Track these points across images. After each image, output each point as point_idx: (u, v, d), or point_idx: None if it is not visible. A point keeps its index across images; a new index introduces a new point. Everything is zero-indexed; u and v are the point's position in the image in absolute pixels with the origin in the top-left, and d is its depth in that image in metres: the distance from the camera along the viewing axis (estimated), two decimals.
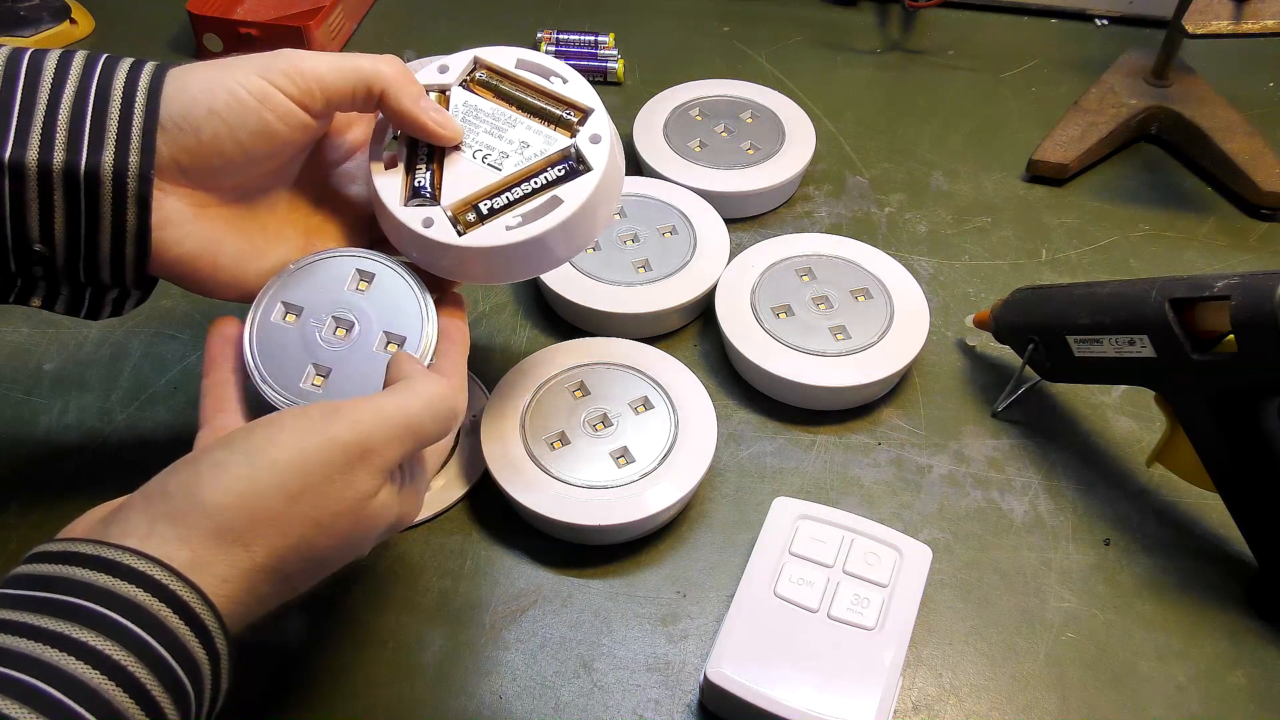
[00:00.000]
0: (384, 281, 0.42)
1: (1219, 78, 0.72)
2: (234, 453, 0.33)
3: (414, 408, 0.35)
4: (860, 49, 0.82)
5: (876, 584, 0.44)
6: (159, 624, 0.29)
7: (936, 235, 0.66)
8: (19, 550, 0.48)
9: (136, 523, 0.32)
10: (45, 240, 0.37)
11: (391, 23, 0.83)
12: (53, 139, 0.36)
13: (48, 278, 0.39)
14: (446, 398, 0.36)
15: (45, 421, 0.54)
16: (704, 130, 0.68)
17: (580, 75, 0.44)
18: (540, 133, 0.43)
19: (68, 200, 0.37)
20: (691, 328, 0.60)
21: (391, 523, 0.37)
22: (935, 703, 0.44)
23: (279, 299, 0.41)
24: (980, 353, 0.59)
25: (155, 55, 0.78)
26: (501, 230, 0.41)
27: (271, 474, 0.32)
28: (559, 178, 0.42)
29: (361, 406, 0.34)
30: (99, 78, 0.37)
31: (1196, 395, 0.45)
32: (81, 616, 0.28)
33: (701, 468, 0.49)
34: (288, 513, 0.33)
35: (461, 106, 0.43)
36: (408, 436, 0.35)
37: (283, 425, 0.34)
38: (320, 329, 0.41)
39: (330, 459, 0.33)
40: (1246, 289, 0.41)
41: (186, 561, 0.31)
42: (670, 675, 0.45)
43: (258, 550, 0.32)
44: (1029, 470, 0.53)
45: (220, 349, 0.41)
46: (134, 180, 0.37)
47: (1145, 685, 0.45)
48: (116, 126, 0.37)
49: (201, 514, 0.32)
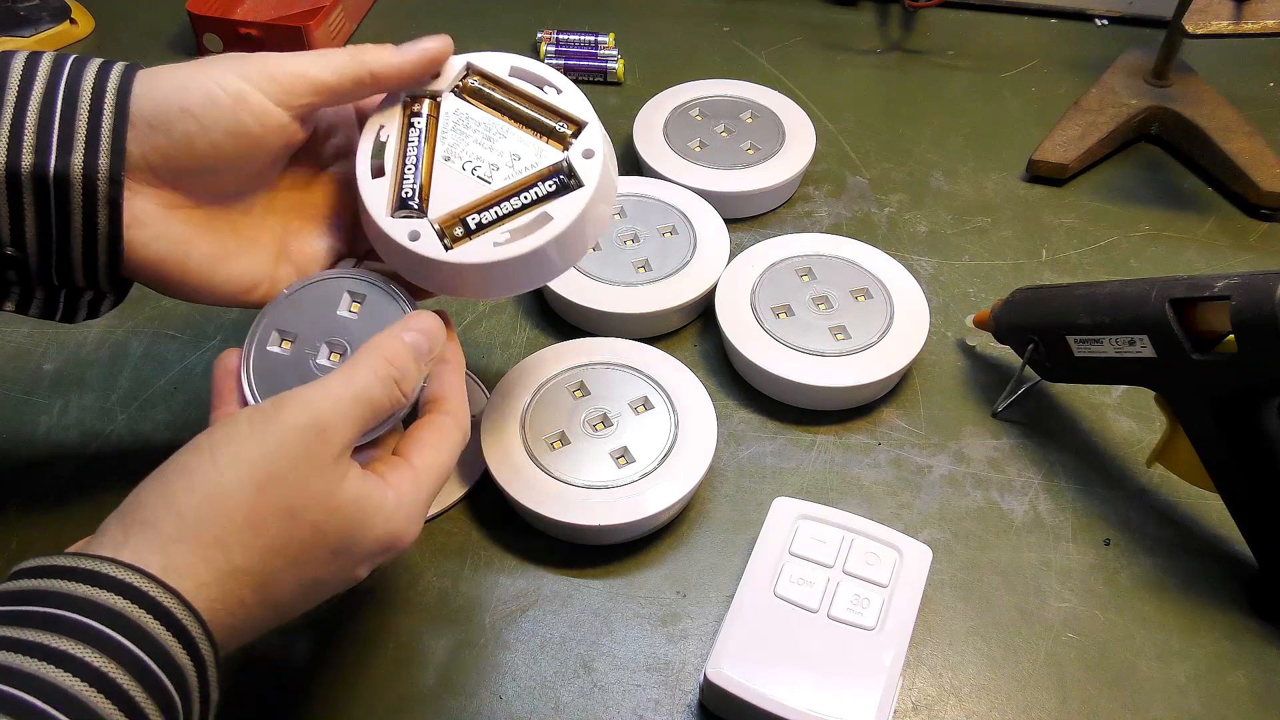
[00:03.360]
0: (374, 302, 0.41)
1: (1219, 78, 0.72)
2: (199, 456, 0.33)
3: (359, 379, 0.35)
4: (860, 49, 0.82)
5: (876, 584, 0.44)
6: (140, 630, 0.29)
7: (936, 235, 0.66)
8: (19, 550, 0.48)
9: (112, 535, 0.32)
10: (17, 244, 0.37)
11: (391, 23, 0.83)
12: (20, 141, 0.35)
13: (21, 281, 0.39)
14: (389, 363, 0.36)
15: (45, 421, 0.54)
16: (704, 130, 0.68)
17: (575, 86, 0.43)
18: (532, 145, 0.42)
19: (38, 203, 0.36)
20: (691, 328, 0.60)
21: (382, 540, 0.36)
22: (935, 703, 0.44)
23: (274, 327, 0.41)
24: (980, 353, 0.59)
25: (155, 55, 0.78)
26: (489, 247, 0.40)
27: (236, 469, 0.32)
28: (549, 193, 0.41)
29: (309, 389, 0.35)
30: (66, 79, 0.36)
31: (1196, 395, 0.45)
32: (60, 626, 0.28)
33: (701, 468, 0.49)
34: (258, 506, 0.32)
35: (453, 115, 0.43)
36: (358, 407, 0.35)
37: (239, 421, 0.34)
38: (315, 355, 0.40)
39: (288, 443, 0.33)
40: (1246, 289, 0.41)
41: (161, 567, 0.30)
42: (670, 675, 0.45)
43: (235, 551, 0.32)
44: (1029, 470, 0.53)
45: (224, 383, 0.40)
46: (104, 183, 0.36)
47: (1145, 685, 0.45)
48: (85, 128, 0.36)
49: (173, 518, 0.31)
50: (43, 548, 0.48)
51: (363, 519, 0.35)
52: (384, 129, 0.42)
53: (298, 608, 0.35)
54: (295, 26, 0.74)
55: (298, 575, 0.34)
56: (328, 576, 0.35)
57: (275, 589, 0.33)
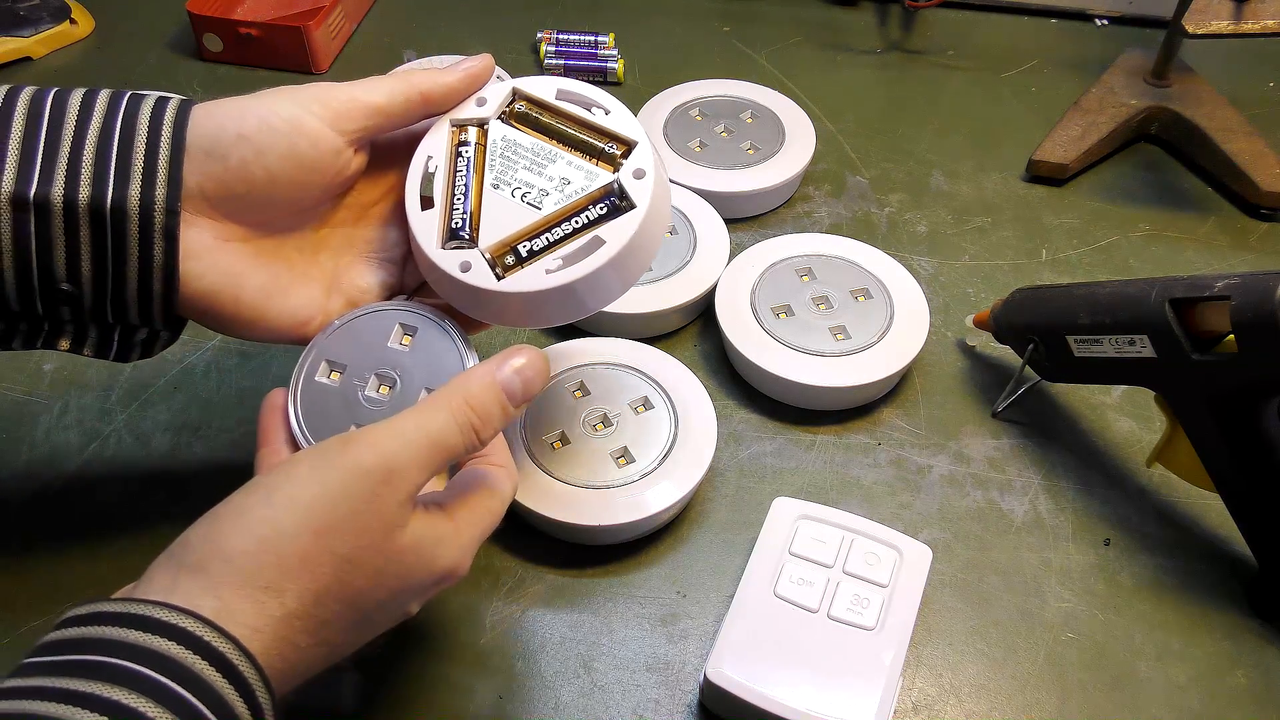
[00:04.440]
0: (426, 336, 0.40)
1: (1219, 78, 0.72)
2: (253, 496, 0.32)
3: (434, 423, 0.34)
4: (860, 49, 0.82)
5: (876, 584, 0.44)
6: (194, 677, 0.28)
7: (936, 235, 0.66)
8: (19, 550, 0.48)
9: (160, 579, 0.31)
10: (72, 279, 0.36)
11: (391, 23, 0.83)
12: (78, 174, 0.35)
13: (75, 319, 0.38)
14: (470, 407, 0.34)
15: (45, 421, 0.54)
16: (704, 130, 0.68)
17: (623, 105, 0.42)
18: (581, 168, 0.41)
19: (94, 236, 0.36)
20: (691, 328, 0.60)
21: (438, 573, 0.34)
22: (935, 703, 0.44)
23: (324, 357, 0.40)
24: (980, 353, 0.59)
25: (155, 55, 0.78)
26: (541, 274, 0.39)
27: (292, 512, 0.31)
28: (601, 216, 0.40)
29: (378, 429, 0.33)
30: (124, 112, 0.36)
31: (1196, 395, 0.45)
32: (112, 675, 0.27)
33: (701, 468, 0.49)
34: (315, 551, 0.31)
35: (500, 142, 0.42)
36: (430, 452, 0.33)
37: (299, 462, 0.33)
38: (364, 387, 0.39)
39: (351, 487, 0.32)
40: (1246, 289, 0.41)
41: (214, 611, 0.29)
42: (670, 675, 0.45)
43: (289, 596, 0.31)
44: (1029, 470, 0.53)
45: (270, 419, 0.39)
46: (160, 214, 0.36)
47: (1145, 685, 0.45)
48: (143, 159, 0.36)
49: (225, 562, 0.30)
50: (43, 547, 0.48)
51: (421, 560, 0.34)
52: (431, 159, 0.42)
53: (351, 646, 0.34)
54: (295, 26, 0.74)
55: (353, 617, 0.33)
56: (383, 616, 0.34)
57: (329, 631, 0.32)
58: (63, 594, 0.46)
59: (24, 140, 0.35)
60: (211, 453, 0.53)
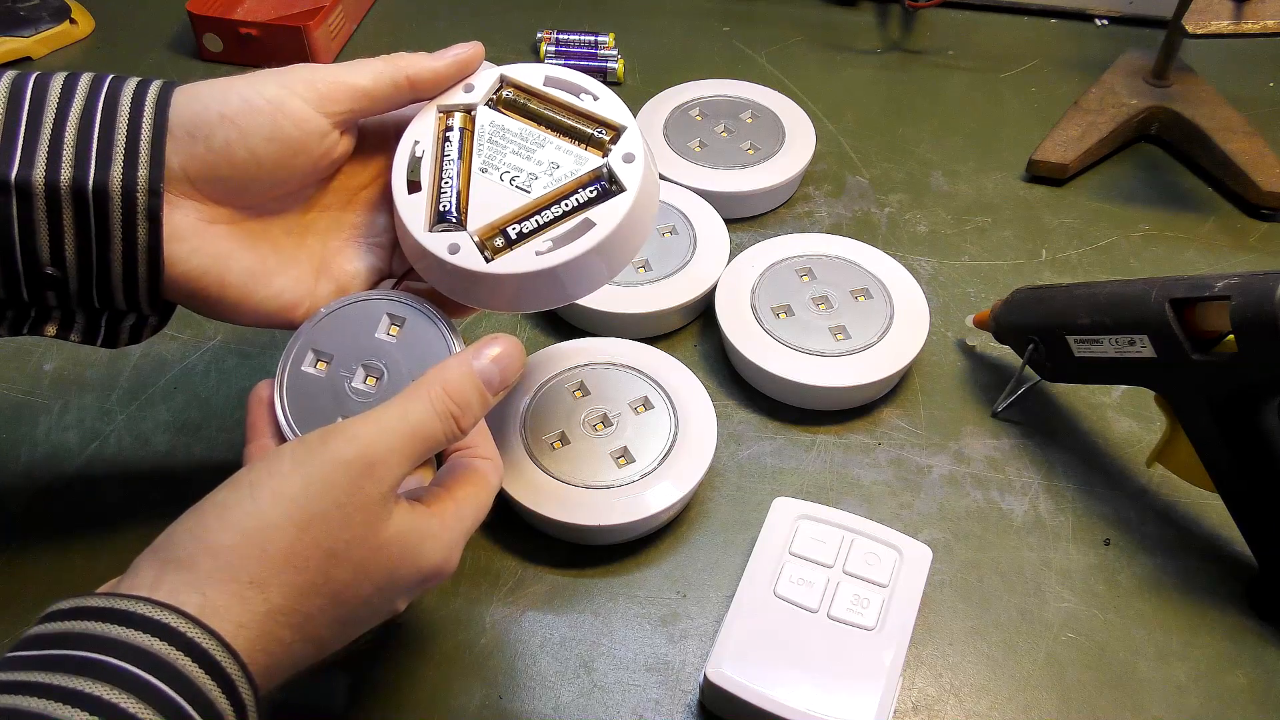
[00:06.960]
0: (414, 326, 0.40)
1: (1219, 78, 0.72)
2: (237, 491, 0.32)
3: (413, 413, 0.34)
4: (860, 49, 0.82)
5: (876, 584, 0.44)
6: (176, 673, 0.28)
7: (936, 235, 0.66)
8: (19, 550, 0.48)
9: (144, 574, 0.31)
10: (56, 262, 0.36)
11: (391, 23, 0.83)
12: (60, 156, 0.35)
13: (61, 304, 0.38)
14: (449, 396, 0.35)
15: (45, 421, 0.54)
16: (704, 130, 0.68)
17: (612, 91, 0.42)
18: (570, 152, 0.41)
19: (77, 219, 0.36)
20: (691, 328, 0.60)
21: (425, 570, 0.34)
22: (935, 703, 0.44)
23: (310, 346, 0.40)
24: (980, 353, 0.59)
25: (155, 55, 0.78)
26: (531, 256, 0.39)
27: (276, 506, 0.31)
28: (591, 199, 0.40)
29: (359, 421, 0.33)
30: (106, 94, 0.36)
31: (1196, 395, 0.45)
32: (94, 670, 0.27)
33: (701, 468, 0.49)
34: (299, 545, 0.31)
35: (488, 127, 0.42)
36: (410, 442, 0.34)
37: (282, 456, 0.32)
38: (350, 378, 0.39)
39: (333, 479, 0.32)
40: (1246, 289, 0.41)
41: (198, 607, 0.29)
42: (670, 675, 0.45)
43: (273, 591, 0.31)
44: (1029, 470, 0.53)
45: (258, 414, 0.39)
46: (143, 195, 0.36)
47: (1145, 685, 0.45)
48: (124, 140, 0.36)
49: (209, 557, 0.30)
50: (43, 548, 0.48)
51: (405, 555, 0.34)
52: (419, 144, 0.41)
53: (337, 643, 0.34)
54: (295, 26, 0.74)
55: (338, 612, 0.33)
56: (368, 612, 0.34)
57: (314, 627, 0.32)
58: (63, 594, 0.46)
59: (4, 123, 0.35)
60: (211, 453, 0.53)
